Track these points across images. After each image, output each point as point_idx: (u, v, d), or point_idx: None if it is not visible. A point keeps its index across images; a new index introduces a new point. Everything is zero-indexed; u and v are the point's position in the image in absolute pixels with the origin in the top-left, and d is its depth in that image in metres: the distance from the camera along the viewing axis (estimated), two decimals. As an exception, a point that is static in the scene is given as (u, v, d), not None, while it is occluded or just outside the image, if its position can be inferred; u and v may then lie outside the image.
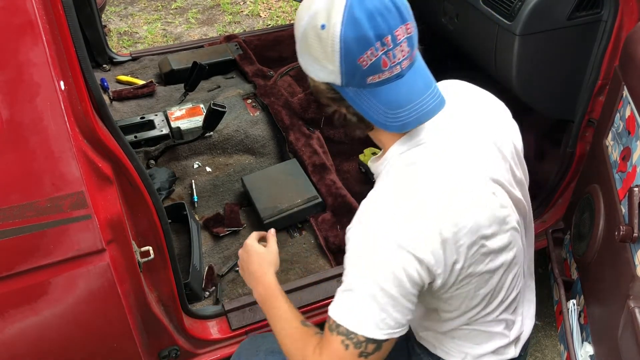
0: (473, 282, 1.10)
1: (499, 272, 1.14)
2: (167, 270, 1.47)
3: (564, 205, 2.01)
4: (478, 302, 1.15)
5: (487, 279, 1.12)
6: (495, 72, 1.94)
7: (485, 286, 1.13)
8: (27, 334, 1.23)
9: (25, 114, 1.03)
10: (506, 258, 1.14)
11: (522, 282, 1.27)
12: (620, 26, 1.69)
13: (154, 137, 2.35)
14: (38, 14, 1.00)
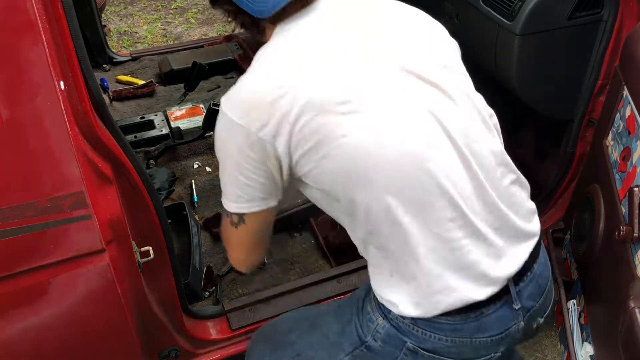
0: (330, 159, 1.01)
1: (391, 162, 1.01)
2: (167, 270, 1.47)
3: (564, 205, 2.01)
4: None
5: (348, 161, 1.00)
6: (495, 72, 1.94)
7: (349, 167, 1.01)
8: (27, 334, 1.23)
9: (25, 114, 1.03)
10: (404, 149, 1.01)
11: (482, 206, 1.07)
12: (620, 26, 1.69)
13: (154, 137, 2.35)
14: (38, 14, 1.00)
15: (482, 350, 1.12)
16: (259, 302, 1.79)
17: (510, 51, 1.77)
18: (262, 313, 1.77)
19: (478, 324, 1.08)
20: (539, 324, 1.18)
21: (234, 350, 1.73)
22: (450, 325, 1.08)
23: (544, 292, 1.16)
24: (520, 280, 1.11)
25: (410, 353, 1.13)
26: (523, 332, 1.15)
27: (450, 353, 1.11)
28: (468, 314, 1.07)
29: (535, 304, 1.14)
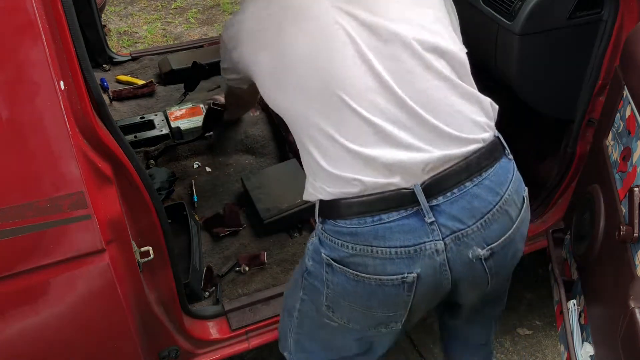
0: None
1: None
2: (167, 270, 1.47)
3: (564, 205, 2.01)
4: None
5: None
6: (495, 72, 1.94)
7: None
8: (27, 334, 1.23)
9: (25, 113, 1.03)
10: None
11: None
12: (620, 26, 1.69)
13: (154, 137, 2.35)
14: (38, 14, 1.00)
15: (389, 265, 1.02)
16: (259, 302, 1.79)
17: (510, 51, 1.77)
18: (262, 313, 1.77)
19: (375, 230, 1.01)
20: (482, 256, 1.05)
21: (234, 350, 1.73)
22: (348, 229, 1.03)
23: (481, 217, 1.03)
24: (441, 193, 1.01)
25: (328, 269, 1.08)
26: (454, 260, 1.04)
27: (357, 265, 1.04)
28: (365, 217, 1.01)
29: (466, 227, 1.03)
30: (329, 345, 1.30)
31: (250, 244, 2.05)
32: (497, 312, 1.55)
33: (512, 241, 1.11)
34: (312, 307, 1.22)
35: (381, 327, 1.15)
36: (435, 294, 1.10)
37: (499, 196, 1.06)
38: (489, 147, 1.08)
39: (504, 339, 2.21)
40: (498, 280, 1.17)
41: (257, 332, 1.76)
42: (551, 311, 2.29)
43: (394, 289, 1.04)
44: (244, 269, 1.94)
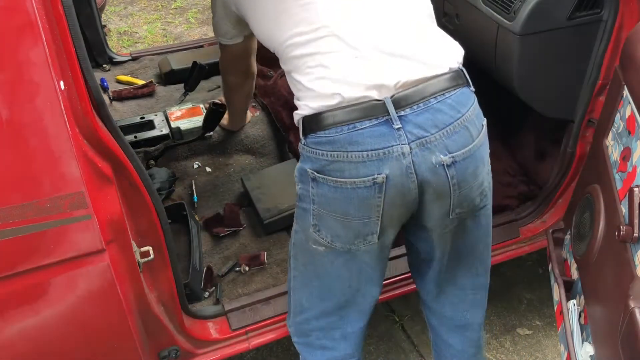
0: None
1: None
2: (167, 271, 1.47)
3: (564, 205, 2.01)
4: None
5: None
6: (495, 72, 1.94)
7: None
8: (27, 334, 1.23)
9: (25, 114, 1.03)
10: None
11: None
12: (620, 26, 1.69)
13: (154, 137, 2.35)
14: (38, 14, 1.00)
15: (361, 167, 1.16)
16: (259, 302, 1.79)
17: (510, 51, 1.77)
18: (262, 313, 1.77)
19: (350, 136, 1.15)
20: (444, 162, 1.18)
21: (234, 350, 1.73)
22: (327, 138, 1.17)
23: (443, 128, 1.18)
24: (408, 106, 1.16)
25: (313, 183, 1.23)
26: (419, 164, 1.17)
27: (336, 171, 1.18)
28: (341, 126, 1.15)
29: (429, 134, 1.16)
30: (320, 291, 1.41)
31: (250, 244, 2.05)
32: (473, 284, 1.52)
33: (472, 157, 1.23)
34: (302, 236, 1.36)
35: (359, 241, 1.26)
36: (403, 198, 1.21)
37: (460, 113, 1.21)
38: (453, 75, 1.23)
39: (504, 339, 2.21)
40: (462, 199, 1.26)
41: (257, 332, 1.76)
42: (551, 311, 2.29)
43: (367, 190, 1.17)
44: (244, 269, 1.94)
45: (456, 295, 1.52)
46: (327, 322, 1.48)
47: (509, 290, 2.39)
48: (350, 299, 1.42)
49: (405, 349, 2.17)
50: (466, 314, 1.54)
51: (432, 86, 1.19)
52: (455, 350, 1.60)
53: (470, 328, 1.57)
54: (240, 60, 1.91)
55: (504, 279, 2.43)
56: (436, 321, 1.60)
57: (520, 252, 2.05)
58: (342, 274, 1.36)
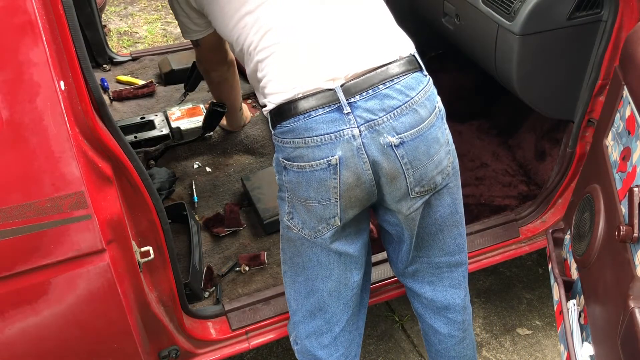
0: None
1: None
2: (167, 270, 1.47)
3: (564, 205, 2.01)
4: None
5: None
6: (495, 72, 1.94)
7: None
8: (27, 334, 1.23)
9: (25, 114, 1.03)
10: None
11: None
12: (620, 26, 1.69)
13: (154, 137, 2.35)
14: (38, 14, 1.00)
15: (317, 151, 1.25)
16: (259, 302, 1.79)
17: (510, 51, 1.77)
18: (262, 313, 1.77)
19: (305, 124, 1.24)
20: (392, 143, 1.26)
21: (234, 350, 1.73)
22: (288, 127, 1.27)
23: (391, 111, 1.25)
24: (357, 93, 1.25)
25: (284, 171, 1.32)
26: (369, 146, 1.25)
27: (298, 157, 1.27)
28: (299, 115, 1.25)
29: (377, 117, 1.24)
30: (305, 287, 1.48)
31: (250, 244, 2.05)
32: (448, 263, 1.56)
33: (422, 137, 1.29)
34: (284, 225, 1.43)
35: (323, 226, 1.35)
36: (357, 179, 1.28)
37: (409, 97, 1.27)
38: (403, 62, 1.30)
39: (504, 338, 2.21)
40: (419, 178, 1.33)
41: (257, 332, 1.76)
42: (551, 311, 2.29)
43: (323, 172, 1.26)
44: (244, 269, 1.94)
45: (433, 274, 1.57)
46: (313, 326, 1.51)
47: (509, 290, 2.39)
48: (334, 291, 1.47)
49: (405, 349, 2.17)
50: (445, 293, 1.59)
51: (380, 74, 1.27)
52: (441, 335, 1.64)
53: (453, 309, 1.61)
54: (215, 51, 1.93)
55: (504, 279, 2.43)
56: (420, 305, 1.65)
57: (520, 252, 2.05)
58: (322, 259, 1.42)
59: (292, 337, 1.62)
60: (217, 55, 1.97)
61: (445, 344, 1.65)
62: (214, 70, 2.04)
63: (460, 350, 1.67)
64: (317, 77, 1.26)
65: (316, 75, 1.26)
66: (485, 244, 2.00)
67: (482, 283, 2.42)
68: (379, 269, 1.88)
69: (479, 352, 2.15)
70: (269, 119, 1.33)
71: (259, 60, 1.33)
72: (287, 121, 1.27)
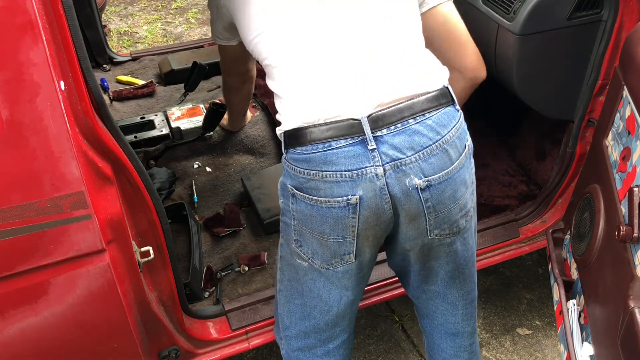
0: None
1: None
2: (167, 270, 1.47)
3: (564, 205, 2.01)
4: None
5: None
6: (495, 72, 1.94)
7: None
8: (27, 334, 1.23)
9: (25, 114, 1.03)
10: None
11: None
12: (620, 26, 1.69)
13: (154, 137, 2.35)
14: (38, 14, 1.00)
15: (336, 187, 1.15)
16: (259, 302, 1.79)
17: (510, 51, 1.77)
18: (262, 313, 1.77)
19: (325, 155, 1.15)
20: (418, 186, 1.17)
21: (234, 350, 1.73)
22: (303, 155, 1.17)
23: (420, 150, 1.16)
24: (385, 126, 1.15)
25: (293, 199, 1.23)
26: (393, 186, 1.16)
27: (312, 189, 1.18)
28: (317, 144, 1.15)
29: (405, 157, 1.15)
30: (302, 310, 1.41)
31: (250, 244, 2.05)
32: (464, 301, 1.50)
33: (450, 179, 1.21)
34: (287, 249, 1.35)
35: (337, 260, 1.26)
36: (377, 219, 1.20)
37: (440, 135, 1.18)
38: (436, 94, 1.20)
39: (504, 338, 2.21)
40: (440, 221, 1.25)
41: (257, 332, 1.76)
42: (551, 311, 2.29)
43: (341, 210, 1.17)
44: (243, 269, 1.94)
45: (447, 310, 1.51)
46: (306, 342, 1.48)
47: (509, 290, 2.39)
48: (330, 322, 1.42)
49: (405, 349, 2.17)
50: (457, 325, 1.54)
51: (411, 107, 1.17)
52: (447, 354, 1.59)
53: (462, 336, 1.57)
54: (237, 62, 1.91)
55: (504, 279, 2.43)
56: (428, 325, 1.59)
57: (520, 252, 2.05)
58: (322, 295, 1.36)
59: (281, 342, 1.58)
60: (238, 67, 1.95)
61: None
62: (231, 77, 2.03)
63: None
64: (342, 104, 1.16)
65: (341, 102, 1.17)
66: (485, 244, 2.00)
67: (482, 283, 2.42)
68: (379, 269, 1.88)
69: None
70: (282, 139, 1.24)
71: (280, 75, 1.23)
72: (303, 148, 1.18)
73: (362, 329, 2.24)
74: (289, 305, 1.45)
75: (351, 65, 1.18)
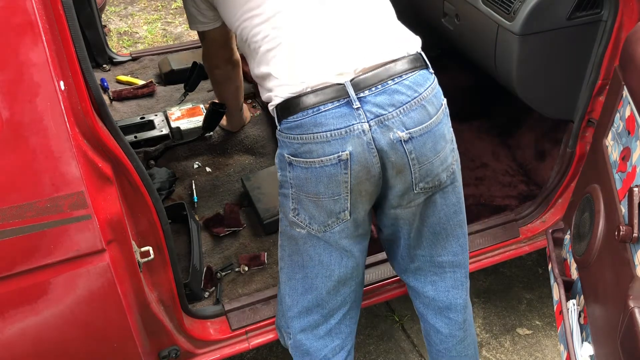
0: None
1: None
2: (167, 270, 1.47)
3: (564, 205, 2.01)
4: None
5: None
6: (495, 72, 1.94)
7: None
8: (27, 334, 1.23)
9: (25, 114, 1.03)
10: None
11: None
12: (620, 26, 1.69)
13: (154, 137, 2.35)
14: (38, 14, 1.00)
15: (327, 147, 1.25)
16: (259, 302, 1.79)
17: (510, 51, 1.77)
18: (262, 313, 1.77)
19: (314, 119, 1.25)
20: (401, 138, 1.27)
21: (234, 350, 1.73)
22: (295, 122, 1.27)
23: (400, 106, 1.27)
24: (367, 88, 1.26)
25: (290, 167, 1.32)
26: (378, 140, 1.26)
27: (306, 153, 1.28)
28: (307, 110, 1.26)
29: (387, 112, 1.26)
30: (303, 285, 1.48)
31: (250, 244, 2.05)
32: (450, 263, 1.57)
33: (430, 132, 1.31)
34: (286, 222, 1.43)
35: (333, 220, 1.35)
36: (368, 173, 1.29)
37: (417, 93, 1.30)
38: (411, 58, 1.32)
39: (504, 338, 2.21)
40: (424, 174, 1.34)
41: (257, 332, 1.76)
42: (551, 311, 2.29)
43: (333, 168, 1.27)
44: (243, 269, 1.94)
45: (435, 274, 1.57)
46: (309, 321, 1.52)
47: (509, 290, 2.39)
48: (332, 289, 1.47)
49: (405, 349, 2.17)
50: (447, 294, 1.60)
51: (389, 69, 1.28)
52: (443, 335, 1.65)
53: (454, 309, 1.62)
54: (221, 47, 1.91)
55: (504, 279, 2.43)
56: (421, 305, 1.65)
57: (520, 252, 2.05)
58: (323, 259, 1.42)
59: (284, 334, 1.63)
60: (223, 52, 1.95)
61: (446, 344, 1.66)
62: (218, 68, 2.03)
63: (462, 350, 1.67)
64: (325, 71, 1.27)
65: (325, 70, 1.27)
66: (485, 244, 2.00)
67: (482, 283, 2.42)
68: (379, 269, 1.88)
69: (479, 352, 2.15)
70: (275, 114, 1.33)
71: (265, 52, 1.32)
72: (295, 116, 1.27)
73: (362, 329, 2.24)
74: (290, 282, 1.50)
75: (332, 37, 1.30)
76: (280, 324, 1.65)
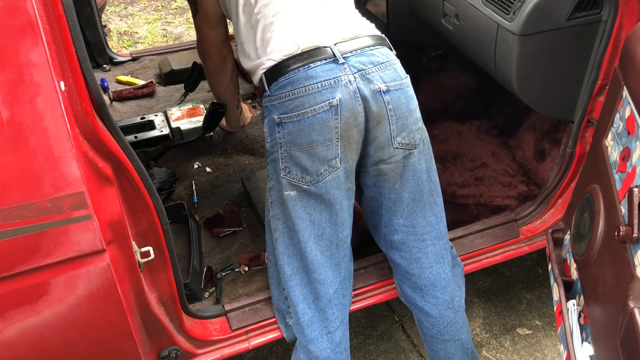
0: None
1: None
2: (167, 271, 1.47)
3: (564, 205, 2.01)
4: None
5: None
6: (495, 72, 1.94)
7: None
8: (27, 334, 1.23)
9: (25, 114, 1.03)
10: None
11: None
12: (620, 26, 1.69)
13: (154, 137, 2.35)
14: (38, 15, 1.00)
15: (318, 96, 1.40)
16: (259, 302, 1.79)
17: (510, 51, 1.77)
18: (262, 313, 1.77)
19: (306, 73, 1.42)
20: (381, 89, 1.45)
21: (234, 351, 1.73)
22: (287, 79, 1.43)
23: (378, 65, 1.47)
24: (348, 51, 1.46)
25: (279, 127, 1.45)
26: (362, 90, 1.43)
27: (297, 106, 1.42)
28: (298, 67, 1.42)
29: (367, 68, 1.45)
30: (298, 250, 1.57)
31: (250, 244, 2.05)
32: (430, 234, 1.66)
33: (402, 90, 1.50)
34: (277, 186, 1.54)
35: (325, 168, 1.46)
36: (355, 119, 1.44)
37: (388, 58, 1.51)
38: (378, 36, 1.55)
39: (504, 338, 2.21)
40: (400, 127, 1.50)
41: (257, 332, 1.76)
42: (551, 311, 2.29)
43: (325, 114, 1.41)
44: (243, 269, 1.95)
45: (419, 250, 1.67)
46: (309, 289, 1.60)
47: (509, 290, 2.39)
48: (326, 250, 1.57)
49: (405, 349, 2.17)
50: (432, 269, 1.68)
51: (363, 41, 1.50)
52: (433, 318, 1.71)
53: (439, 286, 1.69)
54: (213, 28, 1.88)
55: (504, 279, 2.43)
56: (409, 289, 1.73)
57: (520, 252, 2.05)
58: (315, 218, 1.53)
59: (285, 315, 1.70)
60: (215, 34, 1.91)
61: (438, 327, 1.71)
62: (211, 57, 1.97)
63: (454, 333, 1.72)
64: (314, 37, 1.45)
65: (314, 36, 1.46)
66: (485, 244, 2.00)
67: (482, 283, 2.42)
68: (378, 269, 1.88)
69: (479, 352, 2.15)
70: (264, 80, 1.47)
71: (260, 20, 1.51)
72: (286, 75, 1.42)
73: (362, 329, 2.24)
74: (287, 251, 1.59)
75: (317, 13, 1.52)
76: (280, 306, 1.70)
